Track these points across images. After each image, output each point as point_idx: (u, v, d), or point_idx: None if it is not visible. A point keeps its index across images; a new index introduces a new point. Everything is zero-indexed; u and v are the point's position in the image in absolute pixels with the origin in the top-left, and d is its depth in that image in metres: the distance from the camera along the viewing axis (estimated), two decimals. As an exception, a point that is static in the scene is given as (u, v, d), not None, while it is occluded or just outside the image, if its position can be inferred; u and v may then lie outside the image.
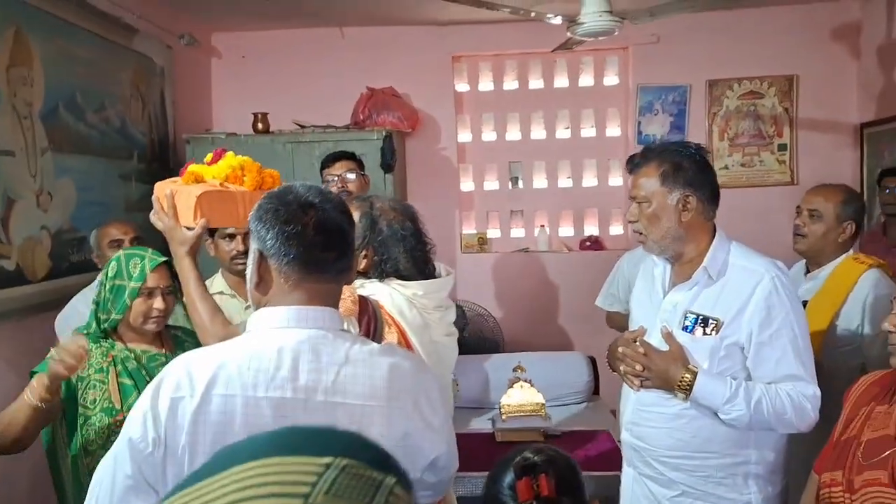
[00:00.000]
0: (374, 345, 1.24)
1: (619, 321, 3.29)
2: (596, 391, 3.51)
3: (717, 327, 1.72)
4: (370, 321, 1.62)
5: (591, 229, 4.51)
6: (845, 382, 1.73)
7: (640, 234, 1.86)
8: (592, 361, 3.54)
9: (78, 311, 2.59)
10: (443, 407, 1.21)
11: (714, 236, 1.82)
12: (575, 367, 3.46)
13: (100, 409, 1.85)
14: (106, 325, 1.92)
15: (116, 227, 2.64)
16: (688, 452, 1.77)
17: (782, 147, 4.29)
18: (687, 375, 1.70)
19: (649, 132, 4.30)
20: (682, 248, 1.82)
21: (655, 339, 1.80)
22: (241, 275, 2.50)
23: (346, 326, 1.26)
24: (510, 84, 4.49)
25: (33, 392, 1.74)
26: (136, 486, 1.10)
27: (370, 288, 1.71)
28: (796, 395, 1.67)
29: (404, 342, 1.66)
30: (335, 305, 1.23)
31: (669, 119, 4.29)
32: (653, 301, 1.91)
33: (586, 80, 4.45)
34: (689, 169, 1.78)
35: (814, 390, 1.69)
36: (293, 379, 1.12)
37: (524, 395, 2.81)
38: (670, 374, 1.72)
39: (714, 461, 1.75)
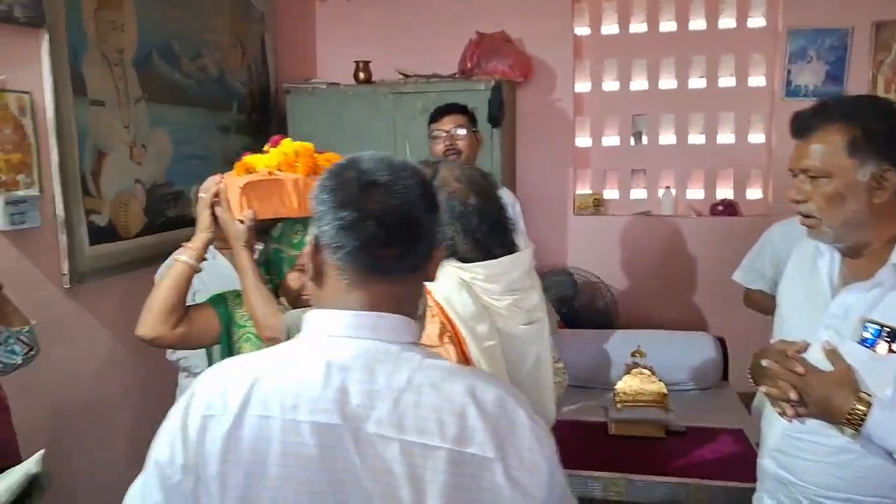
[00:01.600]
0: (451, 365, 0.98)
1: (759, 302, 2.86)
2: (724, 376, 3.11)
3: (909, 343, 1.32)
4: None
5: (724, 192, 4.01)
6: None
7: (812, 217, 1.46)
8: (721, 343, 3.13)
9: None
10: (540, 458, 0.90)
11: None
12: (701, 350, 3.06)
13: None
14: (269, 286, 1.86)
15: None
16: (854, 495, 1.39)
17: (967, 100, 3.60)
18: (859, 407, 1.31)
19: (800, 82, 3.72)
20: (867, 236, 1.41)
21: (814, 353, 1.43)
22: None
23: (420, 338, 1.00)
24: (638, 27, 4.01)
25: (189, 252, 1.72)
26: None
27: None
28: None
29: (453, 333, 1.41)
30: (409, 310, 0.99)
31: (825, 67, 3.69)
32: (815, 302, 1.51)
33: (727, 21, 3.90)
34: (887, 134, 1.36)
35: None
36: (341, 402, 0.89)
37: (643, 383, 2.48)
38: (834, 404, 1.33)
39: (889, 507, 1.38)
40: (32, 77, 2.18)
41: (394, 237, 0.93)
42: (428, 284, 1.50)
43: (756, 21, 3.87)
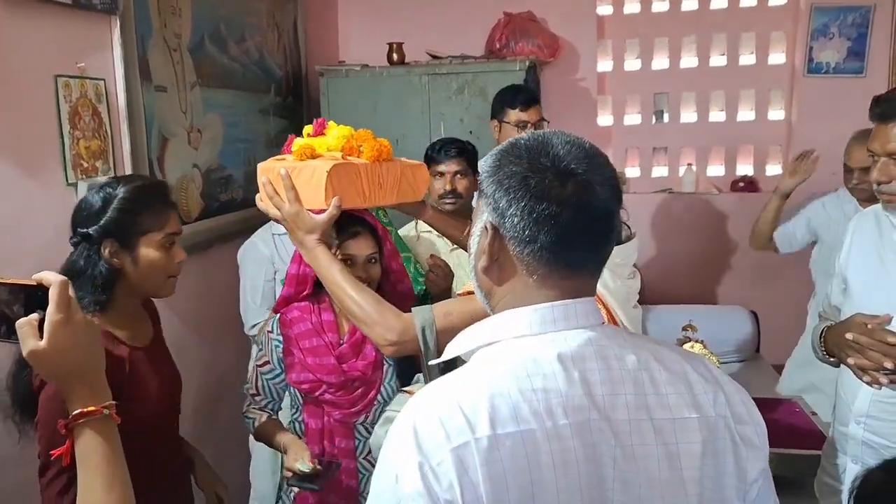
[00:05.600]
0: (647, 337, 0.98)
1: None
2: (756, 349, 3.23)
3: None
4: None
5: (744, 169, 4.11)
6: None
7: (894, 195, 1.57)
8: (754, 316, 3.25)
9: (257, 246, 2.54)
10: (755, 411, 0.92)
11: None
12: (736, 323, 3.18)
13: None
14: None
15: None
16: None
17: (984, 77, 3.72)
18: None
19: (822, 59, 3.81)
20: None
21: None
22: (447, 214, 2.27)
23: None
24: (659, 5, 4.07)
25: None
26: None
27: None
28: None
29: (609, 320, 1.44)
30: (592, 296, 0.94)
31: (847, 44, 3.78)
32: (894, 275, 1.62)
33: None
34: None
35: None
36: (589, 395, 0.84)
37: (695, 356, 2.57)
38: None
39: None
40: (105, 64, 2.18)
41: (592, 232, 0.89)
42: None
43: (776, -1, 3.94)
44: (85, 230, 1.50)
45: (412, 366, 1.79)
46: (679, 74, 4.10)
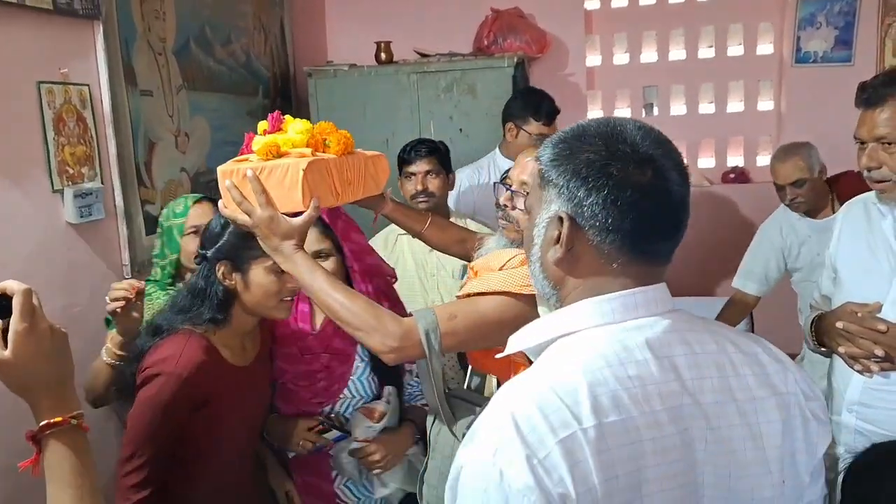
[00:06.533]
0: (722, 325, 0.97)
1: (743, 305, 2.96)
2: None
3: None
4: None
5: (735, 160, 4.11)
6: None
7: (886, 181, 1.56)
8: (747, 307, 3.25)
9: None
10: (815, 386, 0.94)
11: None
12: (731, 315, 3.17)
13: None
14: (168, 268, 1.96)
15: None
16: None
17: (972, 64, 3.72)
18: None
19: (810, 49, 3.81)
20: None
21: (886, 313, 1.52)
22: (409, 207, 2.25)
23: None
24: (647, -1, 4.07)
25: (107, 351, 1.70)
26: None
27: None
28: None
29: None
30: None
31: (834, 33, 3.78)
32: (880, 263, 1.62)
33: (735, -10, 3.98)
34: None
35: None
36: (679, 380, 0.85)
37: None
38: None
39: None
40: (89, 69, 2.18)
41: (669, 218, 0.88)
42: None
43: (764, -11, 3.94)
44: (204, 251, 1.60)
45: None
46: (668, 67, 4.10)
